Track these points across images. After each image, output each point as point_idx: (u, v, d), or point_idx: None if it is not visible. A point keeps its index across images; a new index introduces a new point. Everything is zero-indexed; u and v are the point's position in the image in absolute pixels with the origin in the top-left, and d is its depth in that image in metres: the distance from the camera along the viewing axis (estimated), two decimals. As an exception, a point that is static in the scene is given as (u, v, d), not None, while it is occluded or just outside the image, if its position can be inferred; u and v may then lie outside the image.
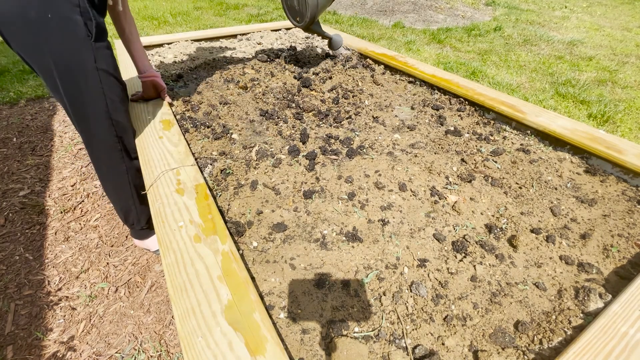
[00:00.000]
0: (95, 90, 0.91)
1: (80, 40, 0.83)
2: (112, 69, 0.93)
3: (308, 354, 0.52)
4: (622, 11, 6.05)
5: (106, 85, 0.92)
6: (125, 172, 1.11)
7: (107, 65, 0.91)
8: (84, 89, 0.89)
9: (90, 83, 0.89)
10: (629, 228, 0.74)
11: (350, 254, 0.68)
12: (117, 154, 1.05)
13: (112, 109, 0.96)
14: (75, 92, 0.89)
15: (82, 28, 0.82)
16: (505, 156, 0.97)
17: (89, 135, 1.00)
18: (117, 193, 1.19)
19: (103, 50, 0.89)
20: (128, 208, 1.23)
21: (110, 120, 0.97)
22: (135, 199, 1.20)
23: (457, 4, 5.85)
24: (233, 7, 5.26)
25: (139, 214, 1.27)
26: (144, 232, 1.37)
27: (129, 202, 1.21)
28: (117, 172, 1.10)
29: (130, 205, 1.22)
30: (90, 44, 0.85)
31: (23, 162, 1.99)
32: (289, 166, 0.93)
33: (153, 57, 1.61)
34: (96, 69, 0.88)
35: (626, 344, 0.48)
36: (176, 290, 0.55)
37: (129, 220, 1.30)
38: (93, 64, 0.87)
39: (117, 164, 1.08)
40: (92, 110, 0.93)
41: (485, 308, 0.58)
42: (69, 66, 0.85)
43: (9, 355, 1.12)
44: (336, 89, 1.36)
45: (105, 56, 0.90)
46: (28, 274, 1.38)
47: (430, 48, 3.87)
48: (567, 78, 3.15)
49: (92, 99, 0.91)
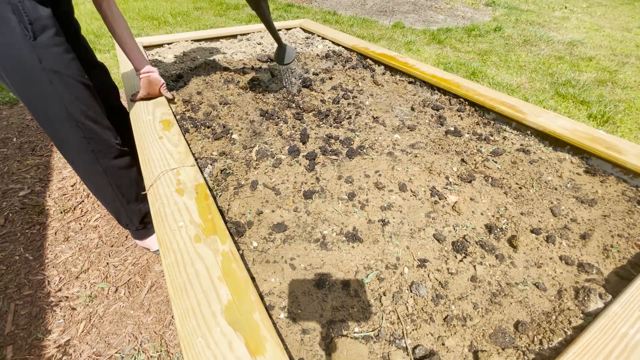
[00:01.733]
0: (48, 92, 0.85)
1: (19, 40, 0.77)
2: (64, 68, 0.85)
3: (308, 354, 0.52)
4: (622, 12, 6.05)
5: (59, 87, 0.86)
6: (102, 173, 1.08)
7: (57, 64, 0.84)
8: (36, 91, 0.84)
9: (41, 85, 0.83)
10: (629, 228, 0.74)
11: (350, 254, 0.68)
12: (88, 155, 1.01)
13: (74, 110, 0.90)
14: (29, 95, 0.84)
15: (17, 27, 0.76)
16: (505, 156, 0.97)
17: (56, 139, 0.96)
18: (100, 194, 1.17)
19: (49, 49, 0.81)
20: (116, 209, 1.22)
21: (74, 122, 0.92)
22: (121, 199, 1.18)
23: (457, 4, 5.86)
24: (233, 7, 5.26)
25: (130, 215, 1.25)
26: (141, 232, 1.37)
27: (116, 203, 1.19)
28: (94, 174, 1.08)
29: (118, 207, 1.21)
30: (30, 44, 0.78)
31: (23, 162, 1.99)
32: (289, 166, 0.93)
33: (153, 57, 1.61)
34: (43, 69, 0.82)
35: (626, 344, 0.48)
36: (176, 290, 0.55)
37: (122, 221, 1.29)
38: (38, 65, 0.81)
39: (91, 166, 1.05)
40: (51, 112, 0.89)
41: (485, 308, 0.58)
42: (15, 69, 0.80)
43: (9, 355, 1.12)
44: (336, 89, 1.36)
45: (52, 54, 0.82)
46: (28, 274, 1.38)
47: (430, 48, 3.87)
48: (567, 78, 3.15)
49: (48, 101, 0.86)
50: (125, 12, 4.78)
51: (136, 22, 4.36)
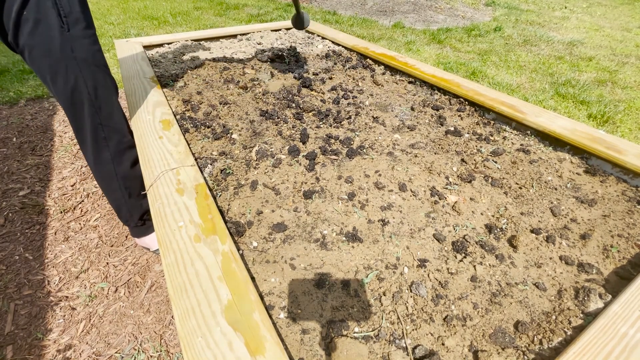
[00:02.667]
0: (75, 78, 0.96)
1: (56, 31, 0.89)
2: (91, 57, 0.98)
3: (308, 354, 0.52)
4: (622, 12, 6.05)
5: (86, 73, 0.97)
6: (109, 161, 1.13)
7: (86, 53, 0.96)
8: (65, 76, 0.95)
9: (70, 71, 0.95)
10: (629, 228, 0.74)
11: (350, 254, 0.68)
12: (100, 142, 1.08)
13: (96, 96, 1.01)
14: (59, 80, 0.95)
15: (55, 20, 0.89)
16: (505, 156, 0.97)
17: (75, 122, 1.06)
18: (104, 183, 1.20)
19: (80, 40, 0.94)
20: (118, 201, 1.24)
21: (92, 107, 1.02)
22: (124, 191, 1.21)
23: (457, 4, 5.86)
24: (233, 7, 5.26)
25: (131, 209, 1.27)
26: (139, 229, 1.37)
27: (118, 195, 1.22)
28: (102, 160, 1.13)
29: (120, 198, 1.23)
30: (65, 35, 0.91)
31: (23, 162, 1.99)
32: (289, 166, 0.93)
33: (153, 56, 1.61)
34: (74, 58, 0.94)
35: (626, 344, 0.49)
36: (176, 290, 0.55)
37: (122, 216, 1.30)
38: (71, 54, 0.93)
39: (101, 152, 1.11)
40: (76, 97, 0.99)
41: (485, 308, 0.58)
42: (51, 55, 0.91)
43: (9, 355, 1.12)
44: (336, 89, 1.36)
45: (82, 45, 0.95)
46: (28, 274, 1.38)
47: (430, 48, 3.87)
48: (567, 78, 3.15)
49: (75, 86, 0.97)
50: (125, 12, 4.78)
51: (136, 22, 4.36)
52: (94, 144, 1.09)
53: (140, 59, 1.46)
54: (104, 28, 4.09)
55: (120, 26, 4.18)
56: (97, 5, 5.10)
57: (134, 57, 1.49)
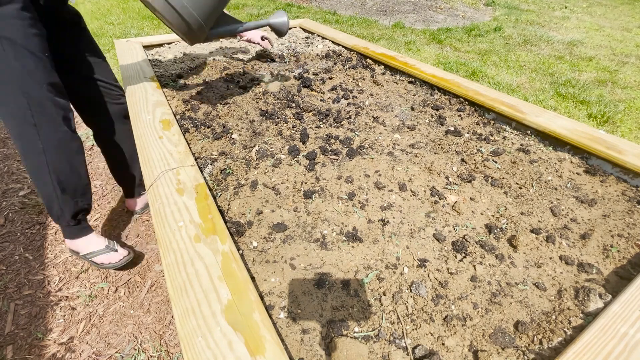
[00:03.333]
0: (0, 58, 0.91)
1: None
2: (20, 39, 0.92)
3: (308, 354, 0.52)
4: (622, 11, 6.05)
5: (10, 54, 0.92)
6: (41, 152, 1.06)
7: (14, 34, 0.91)
8: None
9: None
10: (629, 228, 0.74)
11: (350, 254, 0.68)
12: (29, 129, 1.02)
13: (22, 80, 0.95)
14: None
15: None
16: (505, 156, 0.97)
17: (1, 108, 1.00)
18: (34, 175, 1.13)
19: (10, 19, 0.90)
20: (49, 196, 1.16)
21: (19, 91, 0.96)
22: (56, 185, 1.13)
23: (457, 4, 5.86)
24: (233, 7, 5.26)
25: (62, 205, 1.18)
26: (72, 229, 1.27)
27: (49, 188, 1.14)
28: (32, 150, 1.06)
29: (51, 193, 1.15)
30: None
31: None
32: (289, 166, 0.93)
33: (153, 56, 1.61)
34: None
35: (626, 344, 0.49)
36: (176, 290, 0.55)
37: (53, 212, 1.21)
38: None
39: (30, 141, 1.04)
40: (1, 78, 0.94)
41: (485, 308, 0.58)
42: None
43: (9, 355, 1.12)
44: (336, 89, 1.36)
45: (11, 25, 0.90)
46: (28, 273, 1.38)
47: (430, 48, 3.87)
48: (567, 78, 3.15)
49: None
50: (125, 12, 4.78)
51: (136, 22, 4.36)
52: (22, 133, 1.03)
53: (140, 59, 1.46)
54: (104, 28, 4.09)
55: (120, 26, 4.18)
56: (97, 5, 5.10)
57: (134, 57, 1.49)
